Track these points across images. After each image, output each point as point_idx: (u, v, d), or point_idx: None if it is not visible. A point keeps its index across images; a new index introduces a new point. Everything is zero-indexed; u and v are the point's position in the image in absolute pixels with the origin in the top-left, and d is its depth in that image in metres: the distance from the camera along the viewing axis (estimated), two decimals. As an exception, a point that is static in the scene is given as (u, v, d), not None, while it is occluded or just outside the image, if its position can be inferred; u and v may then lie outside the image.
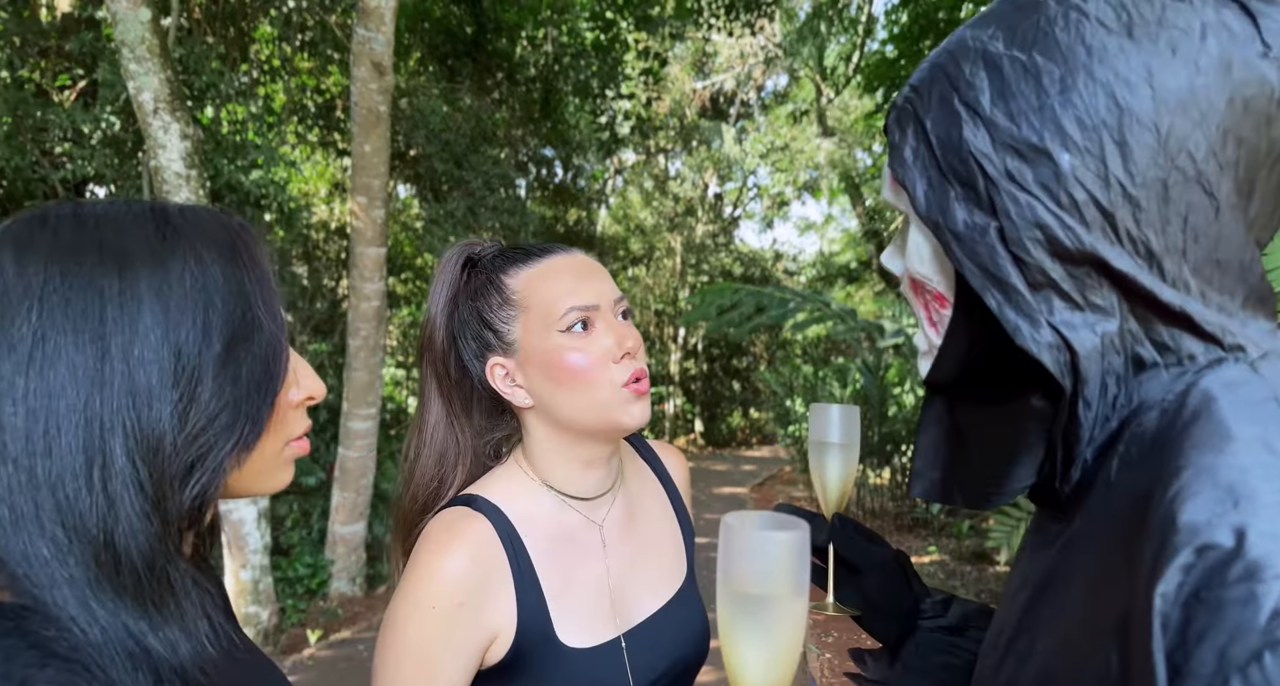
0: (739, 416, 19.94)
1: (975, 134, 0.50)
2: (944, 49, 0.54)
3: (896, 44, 7.23)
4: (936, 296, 0.58)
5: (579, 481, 0.90)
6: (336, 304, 7.41)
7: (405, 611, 0.80)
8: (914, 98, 0.55)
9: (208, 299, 0.53)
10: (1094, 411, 0.50)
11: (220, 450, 0.53)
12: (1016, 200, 0.49)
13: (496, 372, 0.88)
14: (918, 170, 0.54)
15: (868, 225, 13.71)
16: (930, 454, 0.63)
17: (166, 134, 3.99)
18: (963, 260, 0.51)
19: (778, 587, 0.52)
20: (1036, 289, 0.50)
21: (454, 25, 8.04)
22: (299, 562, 5.64)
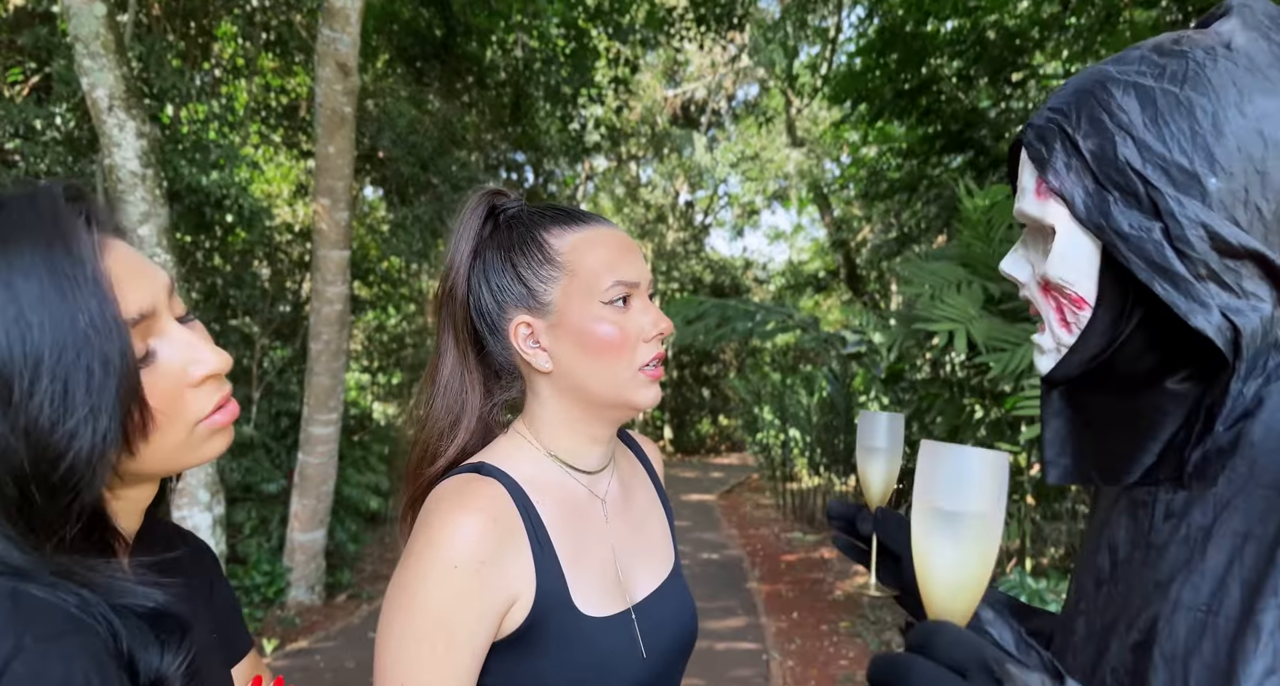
0: (708, 423, 19.99)
1: (1128, 150, 0.58)
2: (1088, 78, 0.62)
3: (863, 57, 7.32)
4: (1075, 299, 0.64)
5: (584, 454, 0.89)
6: (299, 307, 7.30)
7: (422, 571, 0.75)
8: (1059, 118, 0.62)
9: (23, 324, 0.51)
10: (1242, 385, 0.58)
11: (79, 458, 0.52)
12: (1181, 204, 0.56)
13: (520, 331, 0.85)
14: (1073, 180, 0.61)
15: (835, 235, 13.85)
16: (1058, 443, 0.70)
17: (121, 132, 3.90)
18: (1129, 257, 0.58)
19: (983, 503, 0.53)
20: (1200, 279, 0.57)
21: (423, 28, 7.98)
22: (256, 571, 5.52)
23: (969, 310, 3.23)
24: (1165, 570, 0.59)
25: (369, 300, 8.89)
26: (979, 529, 0.53)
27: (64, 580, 0.51)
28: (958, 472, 0.53)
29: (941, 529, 0.53)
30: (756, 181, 17.83)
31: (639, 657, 0.84)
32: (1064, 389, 0.69)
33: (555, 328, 0.84)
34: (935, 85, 7.01)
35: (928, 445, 0.55)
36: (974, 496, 0.53)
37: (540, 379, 0.87)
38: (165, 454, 0.58)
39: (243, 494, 5.99)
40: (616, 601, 0.85)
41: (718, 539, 8.39)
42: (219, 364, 0.61)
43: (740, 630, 5.18)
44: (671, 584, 0.94)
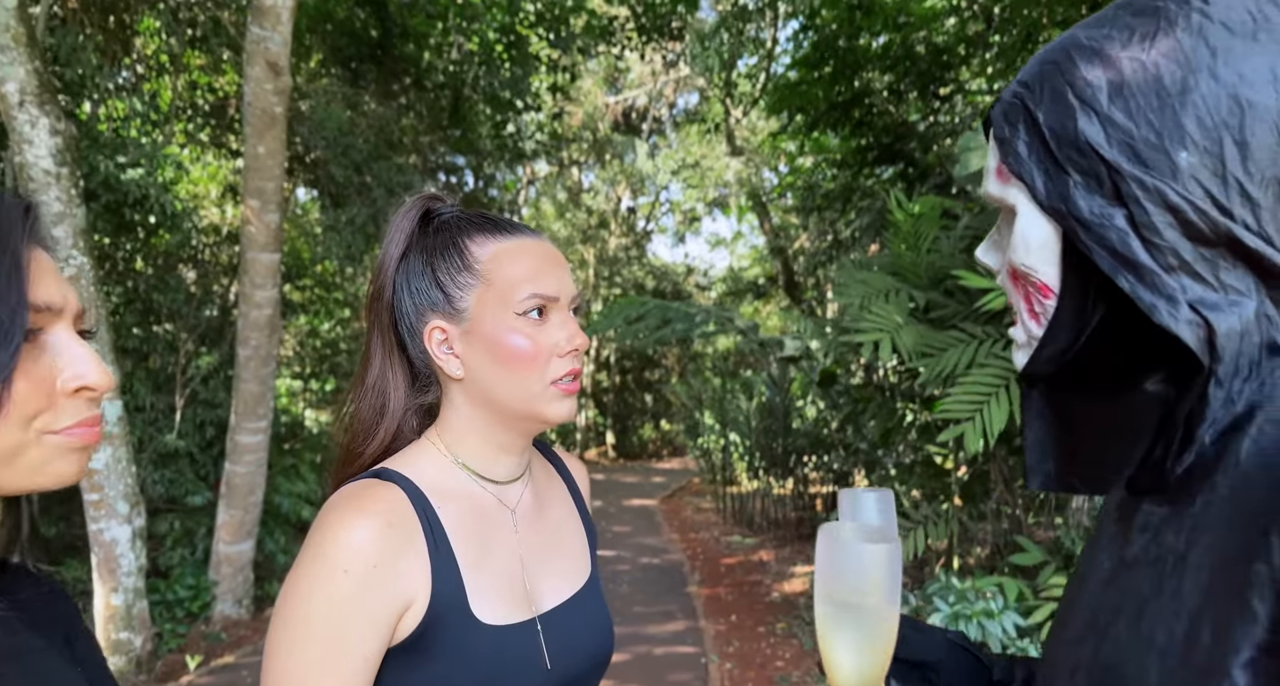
0: (650, 428, 20.08)
1: (1091, 127, 0.52)
2: (1056, 46, 0.56)
3: (799, 69, 7.48)
4: (1040, 287, 0.58)
5: (493, 463, 0.89)
6: (226, 312, 7.06)
7: (312, 575, 0.74)
8: (1024, 93, 0.56)
9: None
10: (1224, 391, 0.50)
11: None
12: (1144, 186, 0.50)
13: (434, 335, 0.85)
14: (1034, 162, 0.56)
15: (774, 243, 14.09)
16: (1039, 448, 0.63)
17: (34, 128, 3.73)
18: (1090, 245, 0.53)
19: (876, 597, 0.54)
20: (1169, 271, 0.51)
21: (358, 28, 7.83)
22: (179, 584, 5.32)
23: (895, 319, 3.34)
24: (1134, 596, 0.53)
25: (300, 304, 8.65)
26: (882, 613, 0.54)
27: None
28: (856, 566, 0.55)
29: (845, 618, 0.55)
30: (697, 189, 18.01)
31: (542, 668, 0.83)
32: (1044, 389, 0.63)
33: (468, 334, 0.84)
34: (867, 98, 7.22)
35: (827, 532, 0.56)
36: (870, 589, 0.54)
37: (453, 385, 0.87)
38: (5, 457, 0.56)
39: (166, 505, 5.77)
40: (521, 610, 0.85)
41: (659, 543, 8.43)
42: (99, 379, 0.59)
43: (680, 634, 5.21)
44: (585, 597, 0.93)
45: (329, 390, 10.00)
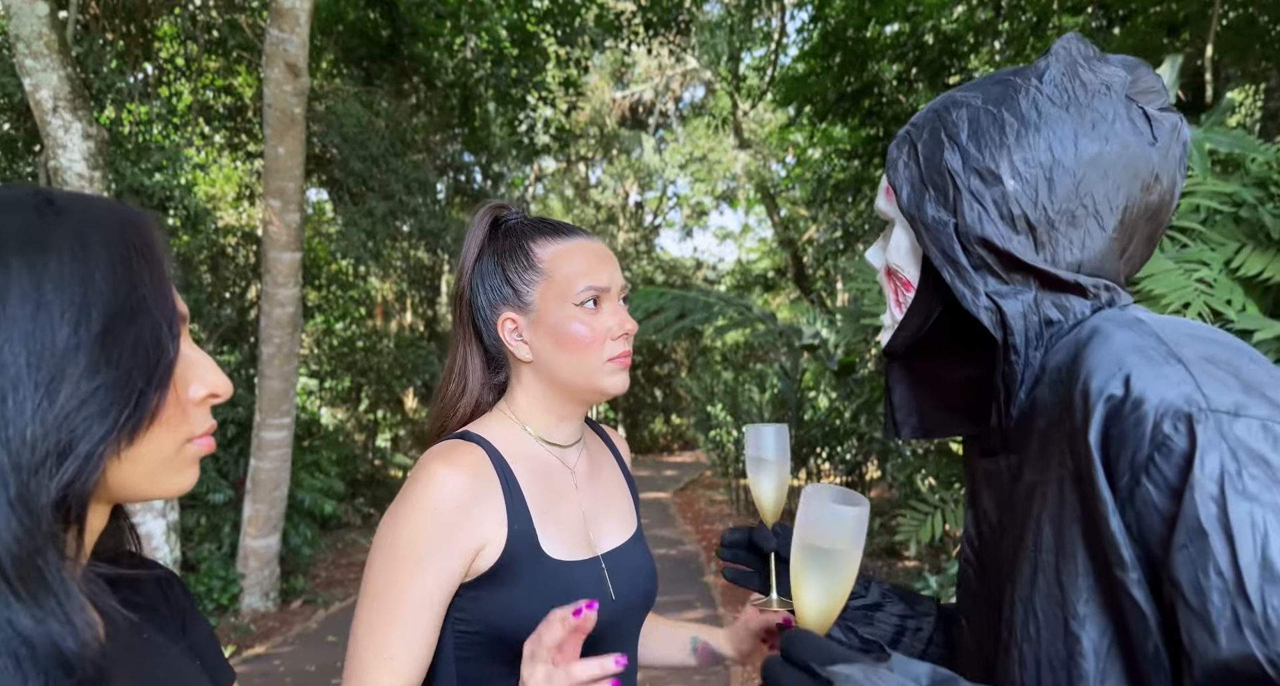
0: (661, 423, 20.14)
1: (953, 157, 0.71)
2: (942, 100, 0.76)
3: (807, 61, 7.52)
4: (904, 282, 0.78)
5: (555, 429, 1.03)
6: (245, 311, 7.17)
7: (405, 512, 0.89)
8: (912, 129, 0.76)
9: (87, 276, 0.51)
10: (1022, 357, 0.70)
11: (94, 435, 0.50)
12: (971, 208, 0.70)
13: (506, 325, 0.99)
14: (905, 177, 0.75)
15: (783, 235, 14.10)
16: (905, 406, 0.85)
17: (67, 133, 3.82)
18: (929, 244, 0.72)
19: (846, 544, 0.67)
20: (977, 269, 0.70)
21: (370, 29, 7.91)
22: (209, 577, 5.43)
23: (913, 304, 3.38)
24: (1018, 525, 0.68)
25: (317, 304, 8.75)
26: (842, 562, 0.67)
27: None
28: (832, 521, 0.67)
29: (815, 561, 0.67)
30: (705, 182, 18.04)
31: (608, 598, 0.96)
32: (903, 361, 0.84)
33: (535, 324, 0.98)
34: (876, 88, 7.25)
35: (810, 492, 0.69)
36: (841, 539, 0.67)
37: (522, 367, 1.01)
38: (150, 465, 0.57)
39: (190, 500, 5.87)
40: (584, 550, 0.98)
41: (673, 535, 8.51)
42: (223, 388, 0.61)
43: (699, 621, 5.26)
44: (635, 544, 1.07)
45: (344, 388, 10.11)
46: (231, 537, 5.79)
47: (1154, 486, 0.55)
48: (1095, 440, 0.58)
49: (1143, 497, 0.55)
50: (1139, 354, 0.60)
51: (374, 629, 0.88)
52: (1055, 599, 0.62)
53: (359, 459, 9.55)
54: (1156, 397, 0.56)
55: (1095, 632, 0.59)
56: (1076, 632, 0.60)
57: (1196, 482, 0.53)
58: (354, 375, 9.69)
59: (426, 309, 11.73)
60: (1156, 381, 0.57)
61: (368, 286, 9.90)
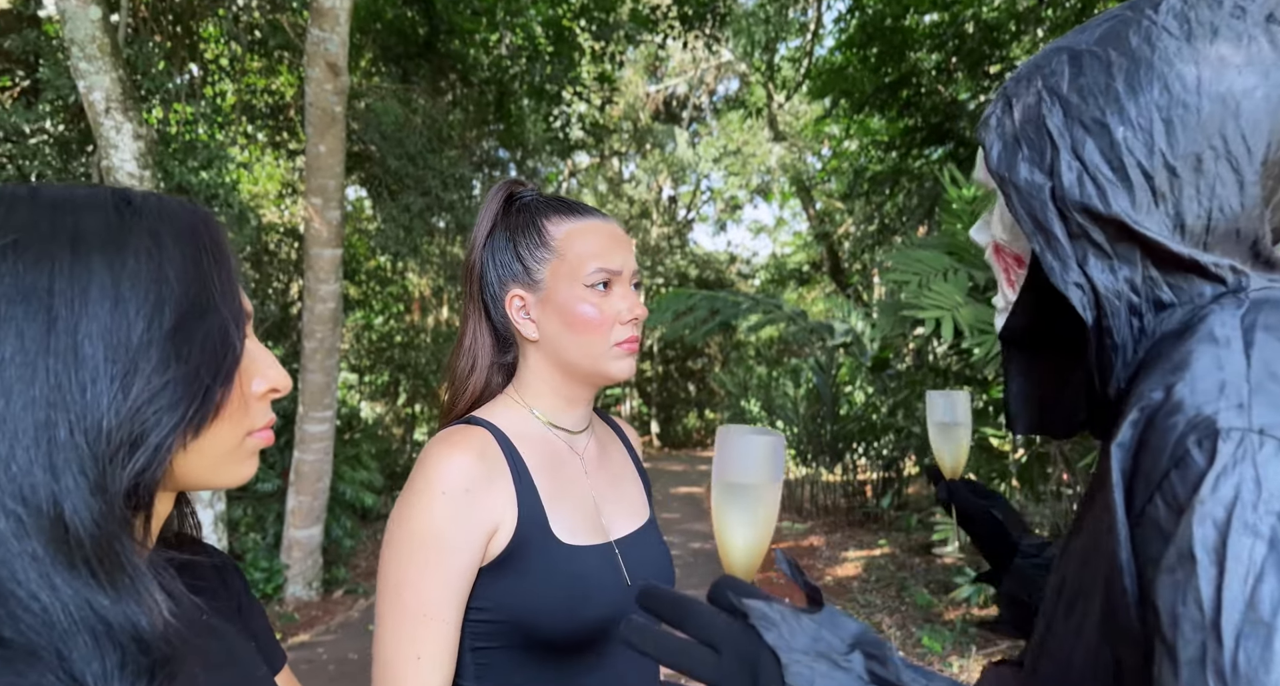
0: (694, 417, 20.10)
1: (1051, 109, 0.63)
2: (1046, 49, 0.68)
3: (844, 52, 7.43)
4: (1015, 258, 0.69)
5: (563, 414, 1.01)
6: (287, 307, 7.31)
7: (414, 500, 0.87)
8: (1011, 84, 0.68)
9: (161, 274, 0.53)
10: (1118, 341, 0.61)
11: (164, 427, 0.52)
12: (1070, 168, 0.61)
13: (514, 303, 0.98)
14: (995, 133, 0.66)
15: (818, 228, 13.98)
16: (1021, 398, 0.75)
17: (119, 134, 3.93)
18: (1019, 209, 0.63)
19: (759, 477, 0.63)
20: (1074, 238, 0.61)
21: (406, 27, 8.00)
22: (254, 567, 5.56)
23: (955, 297, 3.34)
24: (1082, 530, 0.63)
25: (357, 299, 8.89)
26: (757, 497, 0.63)
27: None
28: (742, 454, 0.64)
29: (731, 498, 0.64)
30: (739, 176, 17.94)
31: (622, 584, 0.94)
32: (1019, 347, 0.75)
33: (544, 303, 0.96)
34: (915, 78, 7.14)
35: (721, 431, 0.65)
36: (753, 472, 0.63)
37: (529, 347, 0.99)
38: (214, 456, 0.58)
39: (238, 491, 6.02)
40: (596, 536, 0.96)
41: (707, 529, 8.50)
42: (283, 383, 0.63)
43: (735, 615, 5.28)
44: (648, 531, 1.04)
45: (383, 382, 10.27)
46: (276, 528, 5.93)
47: (1164, 504, 0.49)
48: (1120, 450, 0.53)
49: (1151, 516, 0.49)
50: (1205, 357, 0.52)
51: (399, 629, 0.84)
52: (1077, 610, 0.58)
53: (397, 452, 9.69)
54: (1193, 409, 0.49)
55: (1098, 653, 0.55)
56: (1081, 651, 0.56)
57: (1202, 503, 0.46)
58: (392, 370, 9.83)
59: (463, 304, 11.84)
60: (1201, 390, 0.50)
61: (405, 282, 10.03)
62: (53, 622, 0.47)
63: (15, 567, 0.47)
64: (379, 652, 0.86)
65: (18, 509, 0.48)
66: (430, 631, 0.84)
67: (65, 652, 0.47)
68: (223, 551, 0.82)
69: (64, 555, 0.48)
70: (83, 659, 0.48)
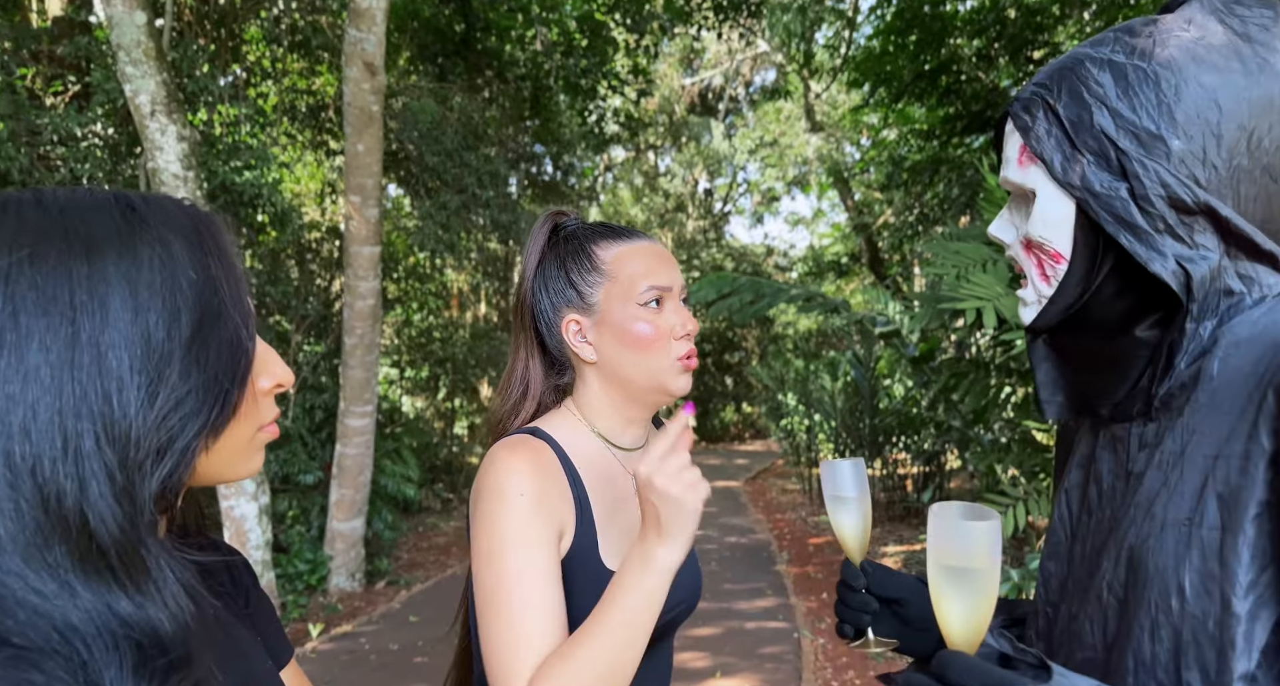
0: (731, 411, 20.03)
1: (1104, 119, 0.66)
2: (1068, 58, 0.71)
3: (881, 39, 7.31)
4: (1052, 255, 0.72)
5: (621, 432, 1.03)
6: (330, 304, 7.45)
7: (496, 506, 0.88)
8: (1042, 91, 0.71)
9: (175, 283, 0.53)
10: (1196, 325, 0.66)
11: (189, 433, 0.53)
12: (1145, 166, 0.65)
13: (570, 327, 1.00)
14: (1053, 146, 0.70)
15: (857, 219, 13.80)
16: (1050, 385, 0.79)
17: (164, 136, 4.04)
18: (1099, 212, 0.67)
19: (981, 562, 0.65)
20: (1159, 233, 0.65)
21: (443, 25, 8.07)
22: (299, 559, 5.69)
23: (996, 288, 3.27)
24: (1145, 493, 0.67)
25: (396, 296, 9.02)
26: (978, 580, 0.64)
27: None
28: (960, 538, 0.64)
29: (951, 580, 0.64)
30: (776, 167, 17.79)
31: None
32: (1048, 337, 0.78)
33: (599, 325, 0.99)
34: (955, 65, 6.99)
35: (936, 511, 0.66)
36: (975, 557, 0.64)
37: (588, 368, 1.02)
38: (229, 454, 0.60)
39: (282, 485, 6.17)
40: None
41: (745, 523, 8.48)
42: (287, 378, 0.64)
43: (771, 610, 5.26)
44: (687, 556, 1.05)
45: (423, 377, 10.42)
46: (320, 521, 6.06)
47: None
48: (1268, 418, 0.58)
49: None
50: None
51: (510, 622, 0.85)
52: (1213, 576, 0.61)
53: (438, 446, 9.83)
54: None
55: (1261, 614, 0.59)
56: (1238, 611, 0.59)
57: None
58: (432, 365, 9.96)
59: (500, 300, 11.95)
60: None
61: (444, 278, 10.15)
62: (72, 628, 0.48)
63: (32, 577, 0.48)
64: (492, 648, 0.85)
65: (41, 518, 0.48)
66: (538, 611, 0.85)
67: (83, 656, 0.48)
68: (259, 547, 0.84)
69: (88, 562, 0.49)
70: (101, 662, 0.48)
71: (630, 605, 0.79)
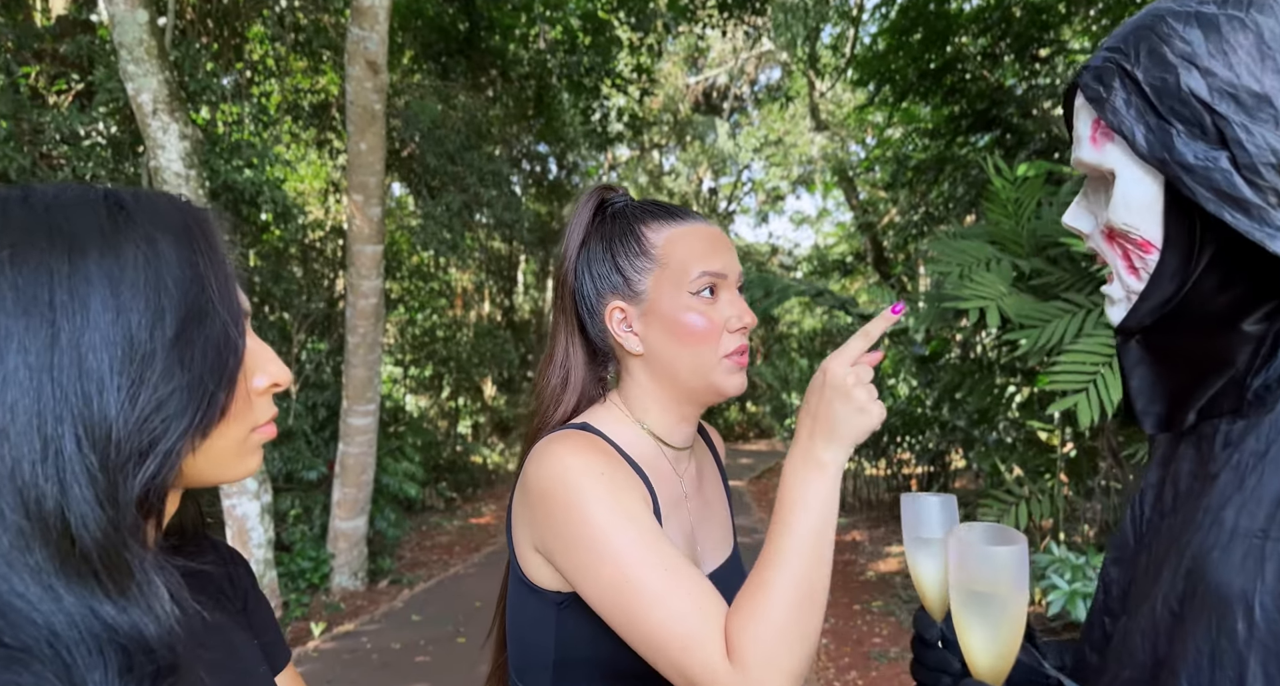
0: (736, 410, 20.00)
1: (1194, 79, 0.56)
2: (1146, 15, 0.61)
3: (886, 37, 7.28)
4: (1141, 244, 0.63)
5: (673, 431, 0.95)
6: (333, 302, 7.46)
7: (579, 497, 0.78)
8: (1116, 56, 0.61)
9: (160, 281, 0.53)
10: None
11: (172, 435, 0.52)
12: (1249, 131, 0.55)
13: (614, 316, 0.92)
14: (1133, 117, 0.60)
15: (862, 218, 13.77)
16: (1147, 392, 0.68)
17: (165, 134, 4.03)
18: (1196, 189, 0.57)
19: (1005, 588, 0.61)
20: (1272, 207, 0.56)
21: (447, 23, 8.07)
22: (301, 557, 5.69)
23: (999, 287, 3.25)
24: (1217, 497, 0.59)
25: (400, 295, 9.03)
26: (1002, 605, 0.60)
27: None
28: (983, 563, 0.61)
29: (973, 606, 0.61)
30: (780, 166, 17.75)
31: None
32: (1141, 338, 0.68)
33: (647, 314, 0.90)
34: (960, 64, 6.96)
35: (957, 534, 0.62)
36: (999, 582, 0.60)
37: (633, 361, 0.93)
38: (221, 455, 0.59)
39: (285, 483, 6.17)
40: None
41: (749, 523, 8.46)
42: (284, 377, 0.62)
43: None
44: (733, 565, 0.98)
45: (427, 376, 10.42)
46: (322, 519, 6.06)
47: None
48: None
49: None
50: None
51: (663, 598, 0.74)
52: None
53: (441, 445, 9.84)
54: None
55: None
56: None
57: None
58: (435, 364, 9.97)
59: (504, 299, 11.96)
60: None
61: (447, 277, 10.15)
62: (56, 632, 0.47)
63: (15, 581, 0.47)
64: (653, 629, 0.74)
65: (22, 522, 0.48)
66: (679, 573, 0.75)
67: (68, 660, 0.47)
68: (261, 546, 0.82)
69: (70, 566, 0.48)
70: (85, 666, 0.48)
71: (808, 519, 0.72)
